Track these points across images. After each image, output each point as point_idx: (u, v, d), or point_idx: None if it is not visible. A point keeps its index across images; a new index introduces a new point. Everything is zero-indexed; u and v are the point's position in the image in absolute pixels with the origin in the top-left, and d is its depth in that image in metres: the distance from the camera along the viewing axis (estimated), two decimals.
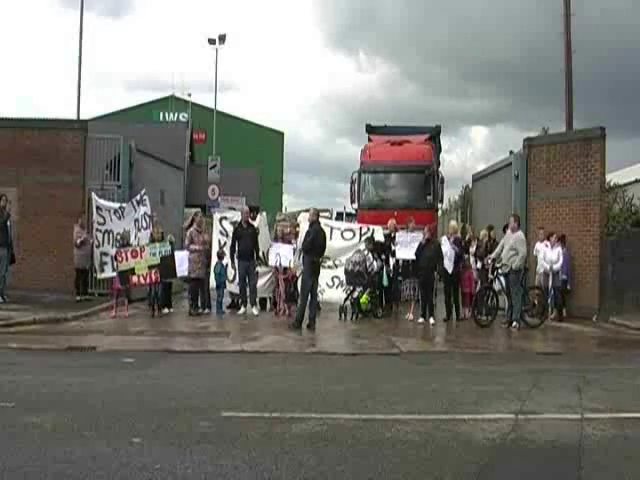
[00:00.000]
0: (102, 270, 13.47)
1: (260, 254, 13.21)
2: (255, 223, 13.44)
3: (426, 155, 17.79)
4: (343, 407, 6.07)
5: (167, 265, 12.46)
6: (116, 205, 13.72)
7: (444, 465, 4.60)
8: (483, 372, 8.19)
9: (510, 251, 11.85)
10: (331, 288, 13.43)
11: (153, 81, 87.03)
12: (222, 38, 35.72)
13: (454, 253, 12.73)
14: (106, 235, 13.54)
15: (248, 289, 13.08)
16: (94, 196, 13.63)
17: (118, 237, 13.29)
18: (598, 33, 53.75)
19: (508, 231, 12.30)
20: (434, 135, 19.58)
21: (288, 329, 11.16)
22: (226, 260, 13.26)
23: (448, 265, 12.61)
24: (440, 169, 18.75)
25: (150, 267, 12.33)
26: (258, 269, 13.23)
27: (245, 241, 12.93)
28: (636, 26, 59.59)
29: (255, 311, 13.03)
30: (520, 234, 12.14)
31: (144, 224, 13.45)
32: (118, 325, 11.48)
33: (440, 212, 21.15)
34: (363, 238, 13.47)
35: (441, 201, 18.41)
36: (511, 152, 15.64)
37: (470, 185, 21.09)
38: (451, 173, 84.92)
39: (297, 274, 12.86)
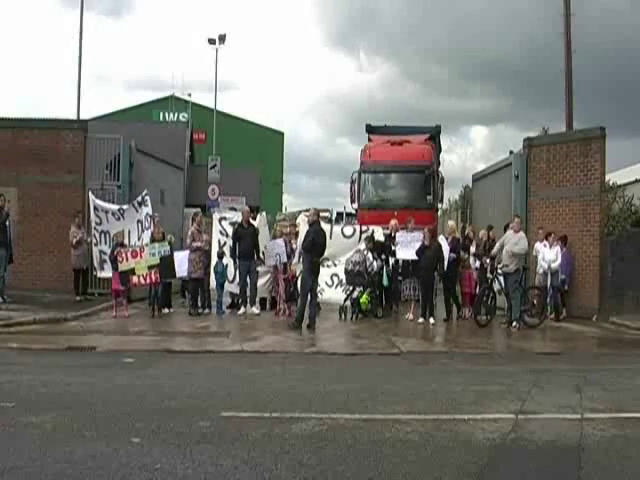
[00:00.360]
0: (102, 268, 13.48)
1: (260, 254, 13.23)
2: (255, 223, 13.45)
3: (426, 155, 17.79)
4: (343, 407, 6.06)
5: (167, 265, 12.50)
6: (115, 207, 13.70)
7: (444, 465, 4.60)
8: (483, 372, 8.19)
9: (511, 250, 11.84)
10: (330, 287, 13.43)
11: (153, 81, 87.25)
12: (222, 38, 35.72)
13: (449, 253, 12.73)
14: (103, 235, 13.55)
15: (248, 289, 13.09)
16: (91, 196, 13.63)
17: (114, 238, 13.29)
18: (598, 33, 53.85)
19: (510, 231, 12.27)
20: (434, 135, 19.57)
21: (288, 329, 11.17)
22: (226, 260, 13.27)
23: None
24: (440, 169, 18.75)
25: (150, 267, 12.36)
26: (258, 269, 13.24)
27: (246, 241, 12.94)
28: (636, 26, 59.72)
29: (256, 310, 13.05)
30: (522, 234, 12.14)
31: (146, 224, 13.47)
32: (118, 325, 11.48)
33: (440, 212, 21.16)
34: (363, 237, 13.48)
35: (441, 201, 18.41)
36: (511, 152, 15.63)
37: (470, 185, 21.08)
38: (451, 173, 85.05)
39: (297, 274, 12.86)
